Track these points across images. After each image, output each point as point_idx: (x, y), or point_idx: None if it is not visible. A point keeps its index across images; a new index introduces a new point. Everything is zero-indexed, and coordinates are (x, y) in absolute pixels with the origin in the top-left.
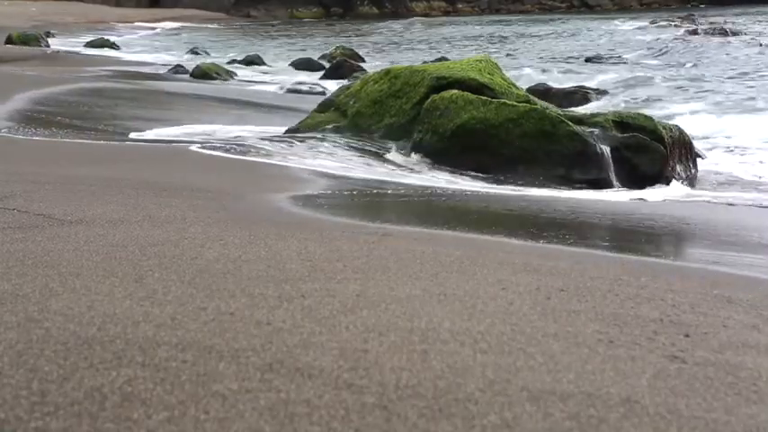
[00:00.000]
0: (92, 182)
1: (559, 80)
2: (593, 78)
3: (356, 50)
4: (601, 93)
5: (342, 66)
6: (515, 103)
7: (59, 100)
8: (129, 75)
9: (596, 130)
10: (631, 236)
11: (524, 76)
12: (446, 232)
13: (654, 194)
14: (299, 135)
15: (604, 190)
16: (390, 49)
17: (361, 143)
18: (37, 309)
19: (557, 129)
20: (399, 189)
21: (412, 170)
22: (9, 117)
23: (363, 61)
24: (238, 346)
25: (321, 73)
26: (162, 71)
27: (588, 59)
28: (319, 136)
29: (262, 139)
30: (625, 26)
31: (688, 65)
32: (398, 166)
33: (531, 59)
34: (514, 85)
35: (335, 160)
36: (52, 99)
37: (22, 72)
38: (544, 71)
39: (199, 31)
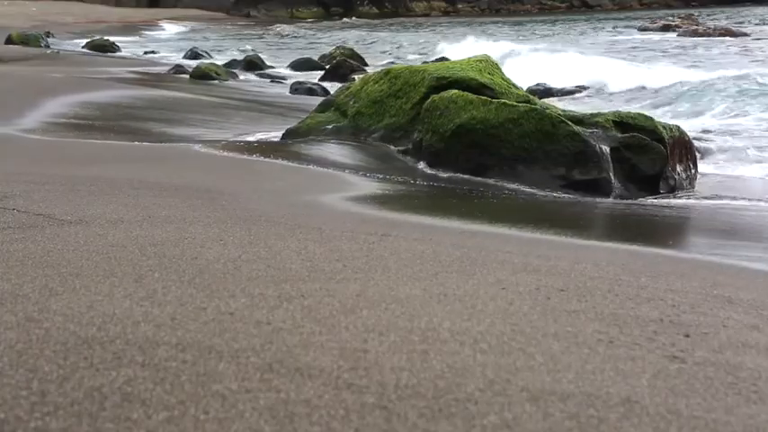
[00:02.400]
0: (92, 182)
1: None
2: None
3: (356, 50)
4: (601, 94)
5: (341, 66)
6: (515, 104)
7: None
8: (135, 78)
9: (596, 130)
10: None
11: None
12: (446, 227)
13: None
14: (299, 138)
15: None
16: (390, 49)
17: (363, 143)
18: (37, 309)
19: (557, 129)
20: (404, 187)
21: (415, 169)
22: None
23: (364, 62)
24: (238, 346)
25: (321, 73)
26: (162, 71)
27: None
28: (320, 137)
29: (261, 140)
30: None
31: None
32: (403, 164)
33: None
34: (514, 86)
35: (338, 159)
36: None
37: (43, 74)
38: None
39: (198, 31)
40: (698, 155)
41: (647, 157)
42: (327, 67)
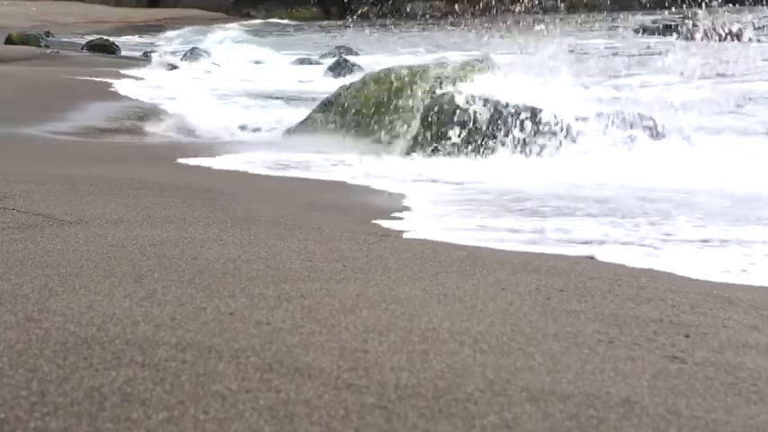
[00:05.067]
0: (92, 182)
1: None
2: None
3: (355, 50)
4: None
5: (341, 65)
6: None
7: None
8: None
9: None
10: None
11: None
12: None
13: None
14: (299, 138)
15: None
16: (390, 49)
17: (362, 142)
18: (36, 309)
19: None
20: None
21: (414, 169)
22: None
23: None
24: (238, 346)
25: (322, 72)
26: (162, 71)
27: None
28: (319, 137)
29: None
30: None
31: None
32: (402, 164)
33: None
34: None
35: (337, 158)
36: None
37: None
38: None
39: (198, 32)
40: None
41: None
42: (328, 66)
